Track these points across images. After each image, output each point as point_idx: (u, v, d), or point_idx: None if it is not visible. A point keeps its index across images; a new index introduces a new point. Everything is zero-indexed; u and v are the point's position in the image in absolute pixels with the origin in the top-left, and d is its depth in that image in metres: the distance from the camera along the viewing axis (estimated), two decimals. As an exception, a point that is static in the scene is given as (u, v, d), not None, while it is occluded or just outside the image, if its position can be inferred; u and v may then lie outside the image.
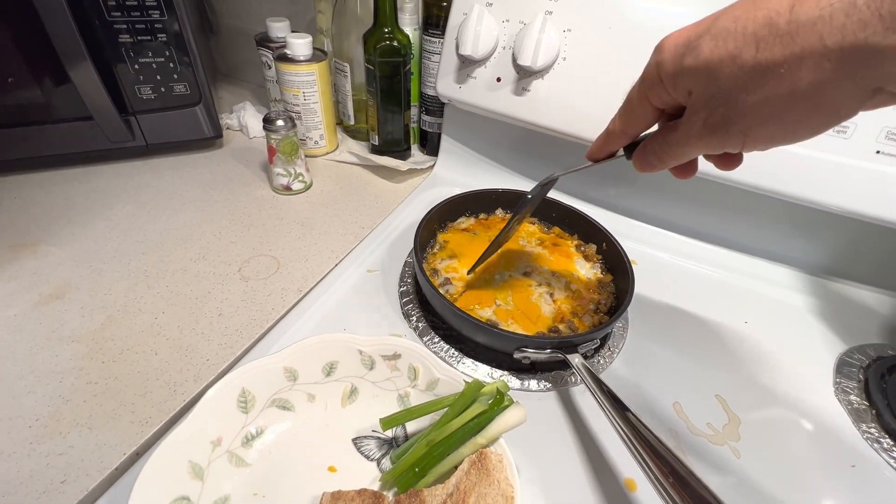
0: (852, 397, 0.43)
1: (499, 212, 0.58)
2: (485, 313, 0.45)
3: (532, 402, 0.40)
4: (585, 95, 0.52)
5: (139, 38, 0.58)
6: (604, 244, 0.52)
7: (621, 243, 0.50)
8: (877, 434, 0.40)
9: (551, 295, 0.47)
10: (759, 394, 0.43)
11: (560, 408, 0.40)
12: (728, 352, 0.47)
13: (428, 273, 0.48)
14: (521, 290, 0.48)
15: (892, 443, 0.39)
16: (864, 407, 0.42)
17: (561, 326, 0.44)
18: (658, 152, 0.28)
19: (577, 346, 0.40)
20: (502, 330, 0.41)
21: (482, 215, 0.58)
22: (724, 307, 0.52)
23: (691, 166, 0.30)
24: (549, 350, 0.39)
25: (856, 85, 0.19)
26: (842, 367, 0.46)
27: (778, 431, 0.40)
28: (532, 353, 0.39)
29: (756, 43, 0.20)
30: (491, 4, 0.54)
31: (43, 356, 0.40)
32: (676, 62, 0.24)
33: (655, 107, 0.27)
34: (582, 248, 0.54)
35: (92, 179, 0.62)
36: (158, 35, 0.59)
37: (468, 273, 0.48)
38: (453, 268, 0.49)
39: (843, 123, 0.43)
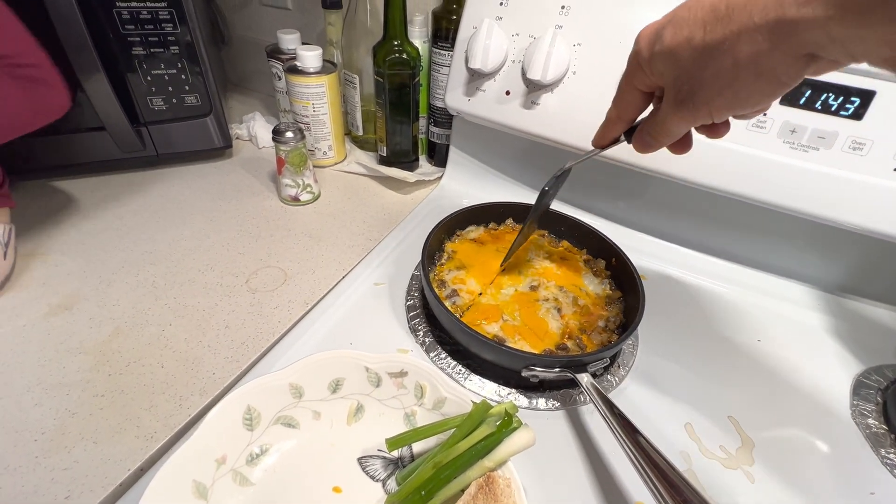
0: (870, 420, 0.42)
1: (509, 222, 0.57)
2: (492, 329, 0.44)
3: (540, 421, 0.40)
4: (595, 109, 0.51)
5: (152, 50, 0.59)
6: (613, 259, 0.51)
7: (631, 258, 0.49)
8: (896, 460, 0.39)
9: (559, 310, 0.47)
10: (773, 415, 0.42)
11: (569, 428, 0.40)
12: (741, 371, 0.46)
13: (435, 284, 0.48)
14: (528, 304, 0.47)
15: (912, 469, 0.38)
16: (882, 431, 0.41)
17: (569, 343, 0.43)
18: (651, 131, 0.31)
19: (587, 364, 0.39)
20: (510, 348, 0.40)
21: (492, 224, 0.57)
22: (737, 325, 0.51)
23: (685, 142, 0.32)
24: (557, 369, 0.39)
25: (785, 53, 0.22)
26: (859, 389, 0.45)
27: (793, 456, 0.39)
28: (540, 372, 0.39)
29: (704, 27, 0.24)
30: (501, 18, 0.54)
31: (50, 368, 0.40)
32: (649, 49, 0.28)
33: (641, 91, 0.31)
34: (591, 263, 0.53)
35: (102, 189, 0.63)
36: (171, 47, 0.60)
37: (501, 266, 0.50)
38: (461, 279, 0.49)
39: (860, 141, 0.43)
